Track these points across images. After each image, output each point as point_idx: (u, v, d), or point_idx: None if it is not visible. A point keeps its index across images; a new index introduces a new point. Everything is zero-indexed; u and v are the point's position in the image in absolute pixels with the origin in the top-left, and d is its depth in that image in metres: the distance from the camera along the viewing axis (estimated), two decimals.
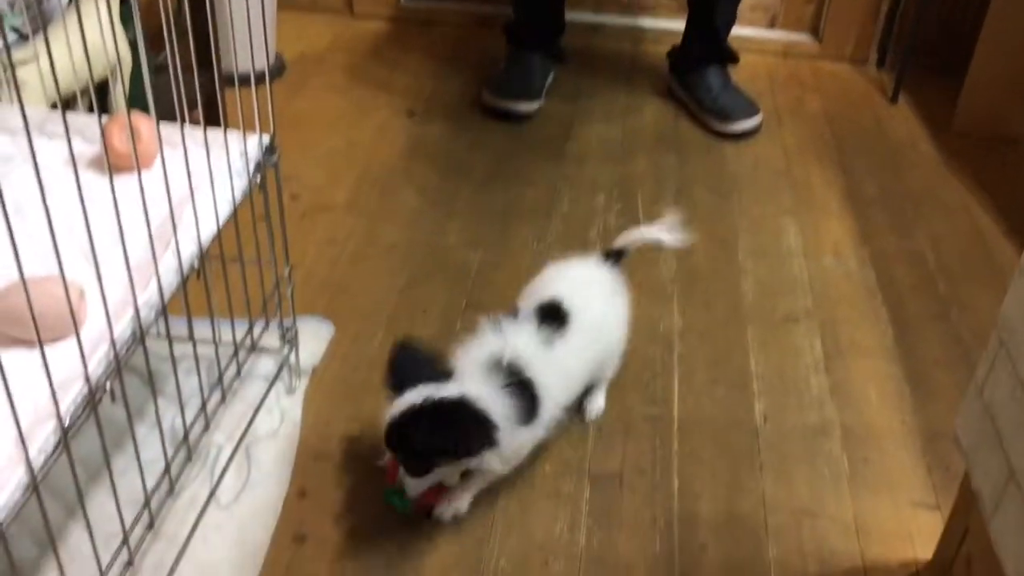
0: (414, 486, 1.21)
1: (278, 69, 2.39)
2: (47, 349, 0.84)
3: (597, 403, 1.46)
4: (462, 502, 1.29)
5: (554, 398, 1.27)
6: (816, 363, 1.59)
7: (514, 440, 1.23)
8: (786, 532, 1.30)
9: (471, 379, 1.22)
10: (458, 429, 1.18)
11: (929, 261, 1.85)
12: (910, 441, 1.45)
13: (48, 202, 0.80)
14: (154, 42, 1.86)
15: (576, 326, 1.30)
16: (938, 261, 1.85)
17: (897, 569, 1.27)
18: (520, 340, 1.26)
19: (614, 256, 1.45)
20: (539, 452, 1.37)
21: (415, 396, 1.19)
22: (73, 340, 0.91)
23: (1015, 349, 1.03)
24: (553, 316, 1.30)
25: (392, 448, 1.21)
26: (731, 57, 2.30)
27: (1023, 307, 1.02)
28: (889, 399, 1.53)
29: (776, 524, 1.31)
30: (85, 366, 0.90)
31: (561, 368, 1.29)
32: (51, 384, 0.85)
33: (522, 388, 1.23)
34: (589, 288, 1.38)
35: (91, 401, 0.92)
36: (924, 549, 1.28)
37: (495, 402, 1.20)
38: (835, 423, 1.48)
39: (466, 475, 1.28)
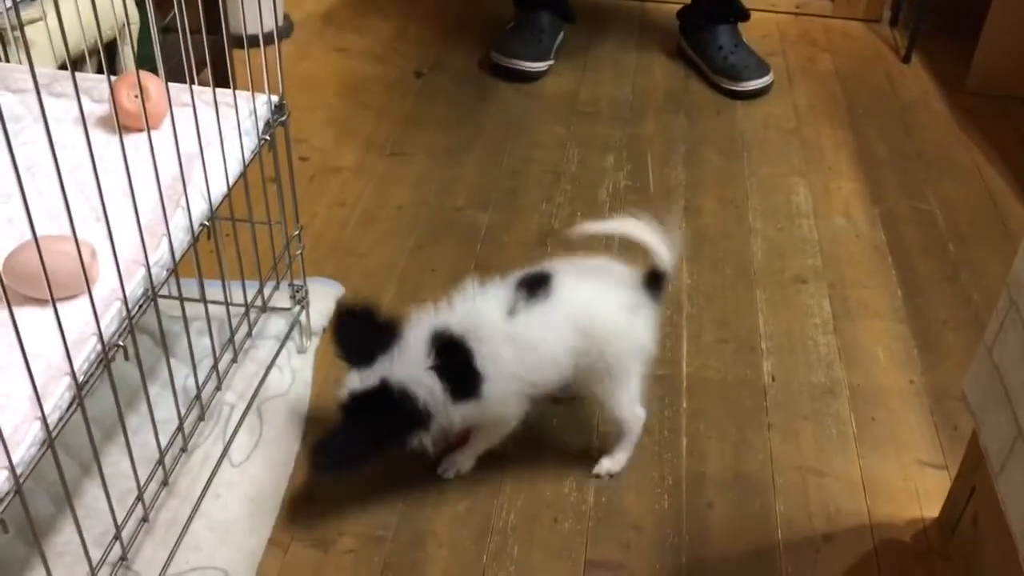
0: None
1: (286, 30, 2.38)
2: (60, 307, 0.85)
3: (611, 460, 1.30)
4: (466, 460, 1.30)
5: (513, 371, 1.17)
6: (825, 323, 1.59)
7: (459, 414, 1.17)
8: (793, 491, 1.31)
9: (405, 356, 1.15)
10: (377, 424, 1.14)
11: (940, 222, 1.84)
12: (918, 401, 1.46)
13: (59, 161, 0.81)
14: (161, 2, 1.85)
15: (556, 300, 1.17)
16: (948, 222, 1.84)
17: (904, 527, 1.28)
18: (480, 308, 1.17)
19: (654, 279, 1.22)
20: (546, 413, 1.37)
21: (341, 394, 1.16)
22: (85, 298, 0.91)
23: None
24: (533, 286, 1.18)
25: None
26: (741, 14, 2.27)
27: None
28: (897, 359, 1.53)
29: (783, 483, 1.32)
30: (98, 323, 0.91)
31: (525, 339, 1.16)
32: (64, 342, 0.85)
33: (461, 363, 1.15)
34: (594, 278, 1.23)
35: (104, 358, 0.93)
36: (931, 508, 1.29)
37: (424, 382, 1.14)
38: (843, 383, 1.48)
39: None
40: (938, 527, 1.27)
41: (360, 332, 1.19)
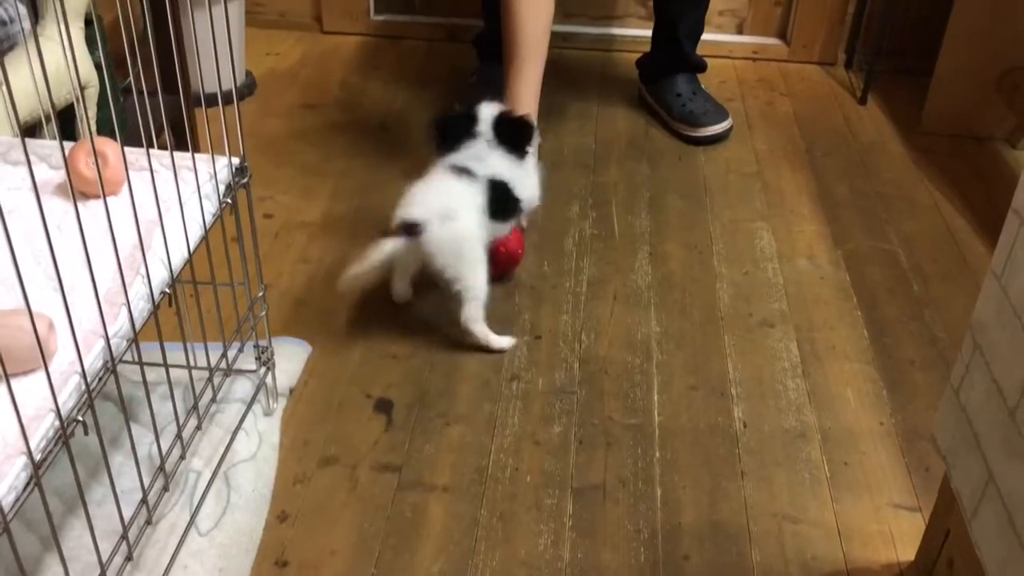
0: None
1: (248, 87, 2.38)
2: (15, 383, 0.83)
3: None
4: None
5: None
6: (793, 367, 1.59)
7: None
8: (768, 538, 1.30)
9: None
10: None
11: (902, 261, 1.86)
12: (889, 443, 1.46)
13: (14, 231, 0.79)
14: (121, 65, 1.84)
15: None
16: (911, 261, 1.86)
17: (880, 571, 1.27)
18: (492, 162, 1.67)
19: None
20: (520, 466, 1.36)
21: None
22: (42, 373, 0.89)
23: (989, 351, 1.04)
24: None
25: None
26: (698, 66, 2.31)
27: (995, 309, 1.03)
28: (867, 401, 1.53)
29: (758, 531, 1.31)
30: (55, 399, 0.88)
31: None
32: (20, 419, 0.83)
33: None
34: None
35: (63, 434, 0.90)
36: (906, 551, 1.29)
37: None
38: (814, 427, 1.48)
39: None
40: (914, 571, 1.26)
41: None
